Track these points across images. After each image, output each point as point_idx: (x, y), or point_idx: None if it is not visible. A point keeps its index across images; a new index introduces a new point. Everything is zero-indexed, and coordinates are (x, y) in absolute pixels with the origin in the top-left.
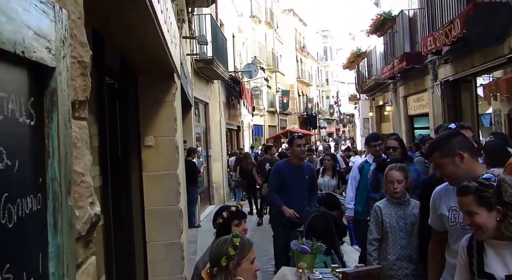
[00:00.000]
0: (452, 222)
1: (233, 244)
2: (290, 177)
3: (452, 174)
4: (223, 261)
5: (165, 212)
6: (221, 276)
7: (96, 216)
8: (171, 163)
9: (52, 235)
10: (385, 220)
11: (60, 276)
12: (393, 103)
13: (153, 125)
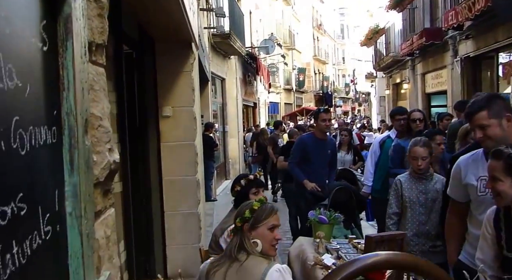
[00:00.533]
0: (482, 192)
1: (251, 207)
2: (313, 150)
3: (495, 136)
4: (238, 221)
5: (182, 182)
6: (238, 235)
7: (115, 163)
8: (189, 134)
9: (68, 173)
10: (405, 194)
11: (77, 217)
12: (410, 80)
13: (171, 95)
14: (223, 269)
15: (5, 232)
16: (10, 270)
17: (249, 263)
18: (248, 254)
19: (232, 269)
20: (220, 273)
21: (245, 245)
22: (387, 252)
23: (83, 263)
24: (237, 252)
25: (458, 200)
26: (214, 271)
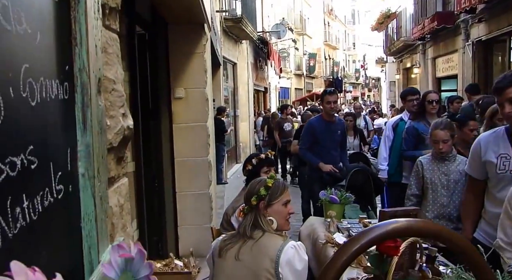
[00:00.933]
0: (501, 169)
1: (266, 184)
2: (322, 133)
3: None
4: (253, 200)
5: (194, 163)
6: (252, 214)
7: (129, 129)
8: (201, 115)
9: (81, 132)
10: (426, 175)
11: (90, 178)
12: (421, 65)
13: (184, 76)
14: (236, 246)
15: (15, 184)
16: (20, 225)
17: (264, 240)
18: (264, 231)
19: (246, 246)
20: (233, 250)
21: (261, 223)
22: (408, 219)
23: (96, 227)
24: (251, 231)
25: (476, 177)
26: (226, 249)
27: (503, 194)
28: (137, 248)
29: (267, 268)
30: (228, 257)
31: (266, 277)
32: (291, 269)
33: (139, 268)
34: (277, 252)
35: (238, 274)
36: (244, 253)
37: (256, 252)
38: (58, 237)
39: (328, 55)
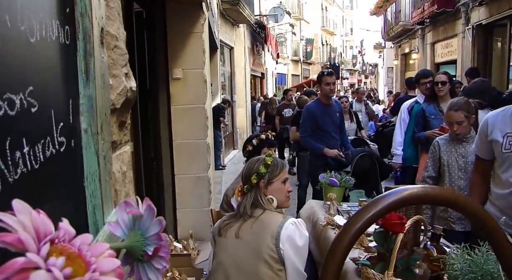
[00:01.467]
0: (506, 149)
1: (265, 162)
2: (322, 117)
3: None
4: (254, 178)
5: (193, 146)
6: (252, 193)
7: (132, 91)
8: (199, 97)
9: (83, 83)
10: (443, 157)
11: (93, 134)
12: (419, 50)
13: (181, 57)
14: (236, 225)
15: (14, 124)
16: (21, 171)
17: (265, 217)
18: (264, 210)
19: (247, 224)
20: (233, 229)
21: (261, 201)
22: (424, 186)
23: (100, 187)
24: (252, 210)
25: (482, 157)
26: (226, 228)
27: (507, 175)
28: (146, 204)
29: (268, 245)
30: (228, 235)
31: (268, 253)
32: (292, 245)
33: (148, 225)
34: (277, 228)
35: (239, 251)
36: (244, 231)
37: (257, 229)
38: (61, 193)
39: (326, 41)
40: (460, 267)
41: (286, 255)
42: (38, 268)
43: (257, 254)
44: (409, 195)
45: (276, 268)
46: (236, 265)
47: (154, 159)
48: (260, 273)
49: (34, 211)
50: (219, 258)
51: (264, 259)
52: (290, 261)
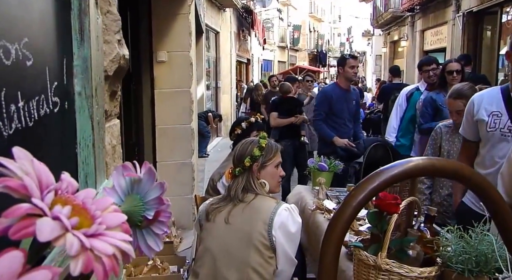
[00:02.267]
0: (491, 128)
1: (259, 145)
2: (338, 103)
3: None
4: (247, 161)
5: (177, 131)
6: (243, 176)
7: (124, 59)
8: (184, 80)
9: (77, 44)
10: (444, 146)
11: (88, 97)
12: (409, 37)
13: (167, 39)
14: (226, 210)
15: (9, 75)
16: (16, 126)
17: (257, 202)
18: (256, 194)
19: (237, 209)
20: (223, 214)
21: (254, 186)
22: (429, 157)
23: (94, 153)
24: (243, 194)
25: (469, 139)
26: (215, 212)
27: (490, 154)
28: (146, 168)
29: (259, 231)
30: (217, 220)
31: (259, 240)
32: (285, 232)
33: (148, 189)
34: (270, 214)
35: (229, 237)
36: (234, 216)
37: (248, 214)
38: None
39: (313, 28)
40: (454, 248)
41: (278, 242)
42: (43, 216)
43: (247, 241)
44: (414, 166)
45: (267, 255)
46: (225, 251)
47: (136, 144)
48: (250, 260)
49: (36, 160)
50: (207, 244)
51: (255, 246)
52: (282, 248)
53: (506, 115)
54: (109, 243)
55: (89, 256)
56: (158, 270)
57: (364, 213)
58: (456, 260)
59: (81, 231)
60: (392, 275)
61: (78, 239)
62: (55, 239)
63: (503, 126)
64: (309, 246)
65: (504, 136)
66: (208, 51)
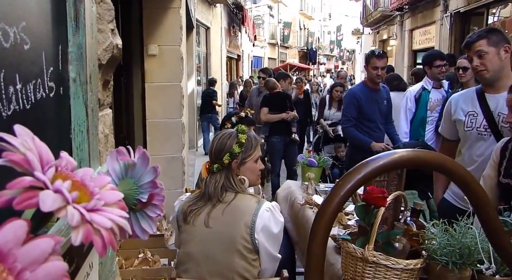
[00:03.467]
0: (468, 127)
1: (239, 141)
2: (367, 104)
3: (491, 66)
4: (226, 158)
5: (167, 125)
6: (222, 174)
7: (118, 49)
8: (175, 74)
9: (72, 30)
10: None
11: (82, 83)
12: (398, 36)
13: (158, 33)
14: (204, 212)
15: (8, 57)
16: (14, 108)
17: (237, 202)
18: (236, 193)
19: (216, 210)
20: (201, 216)
21: (233, 184)
22: (415, 149)
23: (88, 140)
24: (221, 193)
25: (447, 138)
26: (193, 215)
27: (469, 152)
28: (140, 153)
29: (242, 235)
30: (197, 224)
31: (242, 244)
32: (267, 234)
33: (142, 173)
34: (252, 216)
35: (211, 242)
36: (214, 219)
37: (229, 217)
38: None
39: (303, 25)
40: (439, 241)
41: (261, 244)
42: (44, 189)
43: (230, 246)
44: (400, 158)
45: (250, 258)
46: (208, 256)
47: (126, 138)
48: (234, 265)
49: (37, 137)
50: (188, 249)
51: (239, 251)
52: (265, 249)
53: (482, 115)
54: (107, 217)
55: (89, 228)
56: (149, 263)
57: (352, 208)
58: (441, 253)
59: (81, 205)
60: (379, 267)
61: (79, 211)
62: (57, 210)
63: (479, 126)
64: (298, 240)
65: (480, 135)
66: (198, 46)
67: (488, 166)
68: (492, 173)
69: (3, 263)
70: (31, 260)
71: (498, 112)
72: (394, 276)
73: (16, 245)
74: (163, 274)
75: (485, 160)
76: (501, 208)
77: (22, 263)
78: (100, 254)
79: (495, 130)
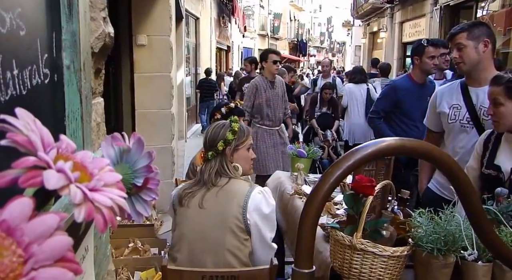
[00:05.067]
0: (452, 119)
1: (232, 129)
2: (410, 99)
3: (468, 59)
4: (220, 145)
5: (156, 115)
6: (216, 161)
7: (110, 37)
8: (165, 65)
9: (66, 18)
10: None
11: (76, 70)
12: (388, 29)
13: (147, 22)
14: (199, 195)
15: (5, 42)
16: (11, 93)
17: (230, 185)
18: (230, 178)
19: (210, 193)
20: (196, 199)
21: (227, 170)
22: (402, 138)
23: (82, 127)
24: (216, 178)
25: (432, 129)
26: (188, 197)
27: (452, 144)
28: (135, 138)
29: (234, 214)
30: (191, 205)
31: (234, 223)
32: (259, 214)
33: (137, 158)
34: (244, 197)
35: (204, 222)
36: (208, 200)
37: (222, 198)
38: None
39: (294, 16)
40: (425, 229)
41: (253, 224)
42: (47, 169)
43: (223, 224)
44: (387, 146)
45: (242, 238)
46: (201, 236)
47: (115, 128)
48: (226, 243)
49: (38, 120)
50: (182, 229)
51: (231, 229)
52: (257, 230)
53: (465, 108)
54: (108, 197)
55: (90, 206)
56: (139, 252)
57: (341, 198)
58: (426, 240)
59: (82, 184)
60: (366, 254)
61: (81, 190)
62: (60, 188)
63: (462, 118)
64: (287, 230)
65: (463, 128)
66: (188, 37)
67: (472, 158)
68: (475, 165)
69: (12, 237)
70: (37, 235)
71: (480, 105)
72: (381, 263)
73: (23, 221)
74: (153, 263)
75: (467, 152)
76: (485, 198)
77: (30, 237)
78: (101, 230)
79: (477, 123)
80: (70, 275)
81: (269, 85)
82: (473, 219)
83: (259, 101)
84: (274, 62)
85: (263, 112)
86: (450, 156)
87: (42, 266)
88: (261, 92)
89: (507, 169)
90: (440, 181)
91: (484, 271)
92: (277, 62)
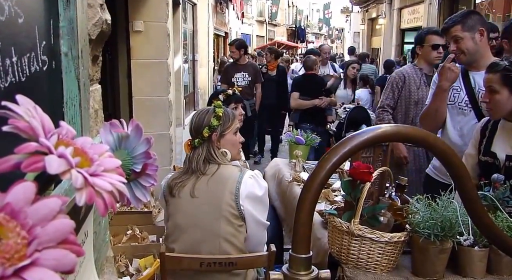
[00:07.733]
0: (451, 101)
1: (216, 114)
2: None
3: (467, 50)
4: (205, 131)
5: (154, 102)
6: (203, 147)
7: (107, 24)
8: (161, 51)
9: (63, 5)
10: None
11: (74, 58)
12: (386, 15)
13: (143, 8)
14: (189, 184)
15: (4, 30)
16: (10, 80)
17: (220, 172)
18: (219, 165)
19: (201, 182)
20: (187, 188)
21: (215, 156)
22: (397, 124)
23: (80, 113)
24: (204, 166)
25: None
26: (178, 187)
27: (450, 125)
28: (133, 125)
29: (227, 202)
30: (182, 195)
31: (228, 210)
32: (252, 198)
33: (135, 145)
34: (236, 184)
35: (197, 211)
36: (199, 189)
37: (214, 186)
38: None
39: (292, 2)
40: (422, 215)
41: (247, 210)
42: (48, 154)
43: (216, 212)
44: (383, 132)
45: (236, 224)
46: (195, 225)
47: (112, 115)
48: (220, 231)
49: (38, 106)
50: (176, 220)
51: (225, 217)
52: (251, 215)
53: (464, 91)
54: (108, 181)
55: (91, 190)
56: (137, 240)
57: (339, 184)
58: (424, 226)
59: (83, 169)
60: (364, 240)
61: (82, 174)
62: (62, 173)
63: (461, 101)
64: (286, 217)
65: (461, 110)
66: (185, 23)
67: (470, 145)
68: (473, 152)
69: (16, 219)
70: (40, 217)
71: (478, 88)
72: (378, 249)
73: (27, 204)
74: (151, 251)
75: (464, 134)
76: (482, 184)
77: (33, 219)
78: (102, 214)
79: (475, 105)
80: (72, 257)
81: (424, 81)
82: (467, 203)
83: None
84: (435, 47)
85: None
86: (444, 142)
87: (45, 247)
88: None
89: (502, 156)
90: (437, 166)
91: (480, 256)
92: (439, 47)
